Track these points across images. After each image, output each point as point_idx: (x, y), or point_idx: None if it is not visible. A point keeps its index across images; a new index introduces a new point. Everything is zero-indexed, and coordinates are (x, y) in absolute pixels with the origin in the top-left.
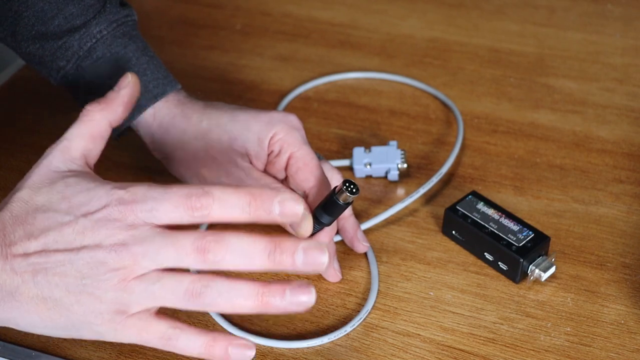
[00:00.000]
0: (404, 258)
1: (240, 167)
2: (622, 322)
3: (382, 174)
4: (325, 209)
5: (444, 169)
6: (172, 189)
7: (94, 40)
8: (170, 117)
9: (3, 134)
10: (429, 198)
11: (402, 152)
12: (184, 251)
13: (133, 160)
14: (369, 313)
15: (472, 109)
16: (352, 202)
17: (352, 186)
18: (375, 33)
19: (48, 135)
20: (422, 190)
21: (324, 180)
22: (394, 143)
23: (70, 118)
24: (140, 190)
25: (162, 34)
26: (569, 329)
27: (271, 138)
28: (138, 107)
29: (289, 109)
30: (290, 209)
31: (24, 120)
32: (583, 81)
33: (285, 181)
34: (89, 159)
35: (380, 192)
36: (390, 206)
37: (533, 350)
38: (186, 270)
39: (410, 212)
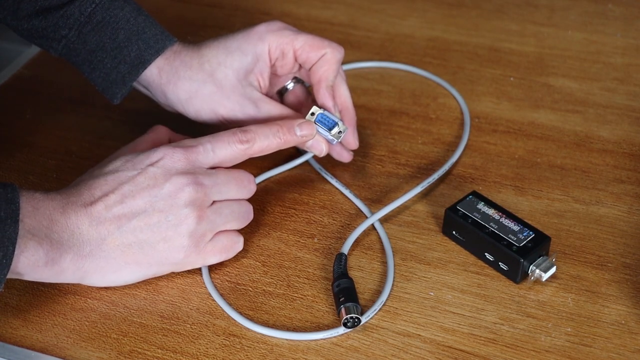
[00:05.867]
0: (404, 258)
1: (251, 100)
2: (623, 322)
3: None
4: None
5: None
6: (218, 134)
7: (93, 6)
8: (173, 71)
9: (3, 134)
10: (429, 198)
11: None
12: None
13: None
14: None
15: (472, 109)
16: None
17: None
18: (374, 32)
19: (48, 135)
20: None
21: (330, 43)
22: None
23: (71, 118)
24: (190, 140)
25: None
26: (569, 330)
27: (269, 50)
28: (142, 62)
29: None
30: (308, 129)
31: (24, 120)
32: (583, 81)
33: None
34: None
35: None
36: (393, 200)
37: (533, 350)
38: None
39: (410, 212)
